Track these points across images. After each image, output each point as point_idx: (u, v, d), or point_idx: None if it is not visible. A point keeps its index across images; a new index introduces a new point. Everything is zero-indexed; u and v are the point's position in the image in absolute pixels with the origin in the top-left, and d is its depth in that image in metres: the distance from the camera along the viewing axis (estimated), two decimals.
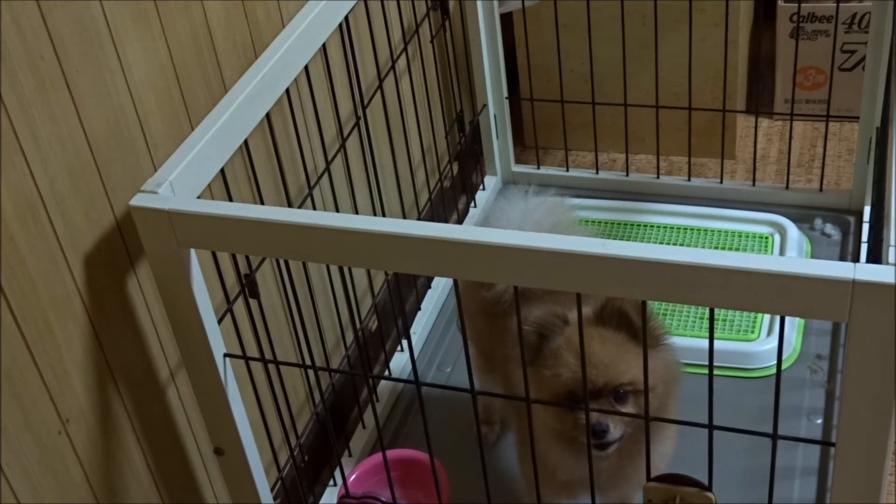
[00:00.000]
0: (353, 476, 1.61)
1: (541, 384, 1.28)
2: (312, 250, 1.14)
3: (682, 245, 2.08)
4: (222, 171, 1.28)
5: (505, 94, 2.19)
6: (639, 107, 2.15)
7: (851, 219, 2.09)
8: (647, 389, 1.14)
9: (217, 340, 1.24)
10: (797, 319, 1.88)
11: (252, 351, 1.39)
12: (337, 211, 1.69)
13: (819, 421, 1.70)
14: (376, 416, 1.41)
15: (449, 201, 2.19)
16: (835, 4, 2.27)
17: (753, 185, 2.16)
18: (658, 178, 2.22)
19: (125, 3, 1.21)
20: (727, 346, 1.82)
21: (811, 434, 1.68)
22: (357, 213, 1.79)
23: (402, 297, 1.95)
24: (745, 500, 1.56)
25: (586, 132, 2.23)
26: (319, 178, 1.62)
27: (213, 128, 1.24)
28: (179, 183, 1.18)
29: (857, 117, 2.00)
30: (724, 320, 1.89)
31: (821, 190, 2.13)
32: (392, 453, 1.61)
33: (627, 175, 2.24)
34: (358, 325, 1.67)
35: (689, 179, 2.21)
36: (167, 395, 1.36)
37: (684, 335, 1.84)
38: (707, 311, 1.04)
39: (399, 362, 1.91)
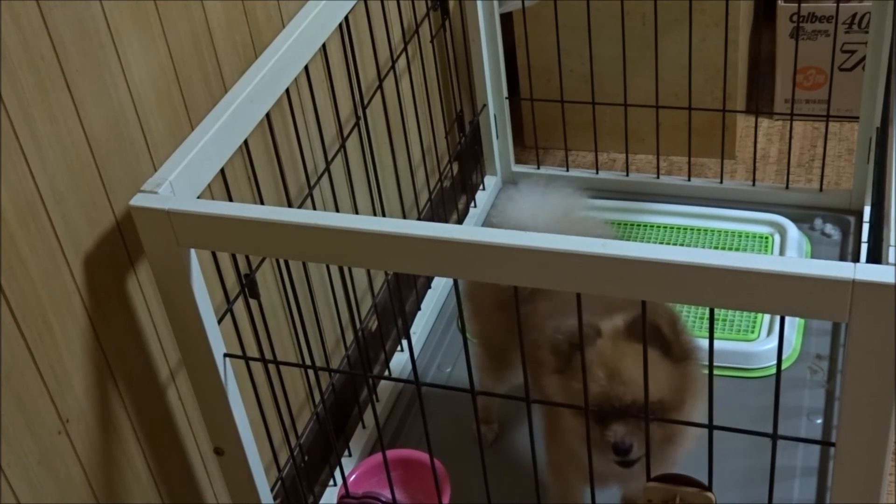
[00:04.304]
0: (353, 476, 1.61)
1: (569, 394, 1.27)
2: (312, 250, 1.14)
3: (682, 245, 2.08)
4: (222, 171, 1.28)
5: (505, 94, 2.19)
6: (639, 107, 2.15)
7: (851, 219, 2.09)
8: (647, 386, 1.14)
9: (217, 340, 1.24)
10: (797, 319, 1.88)
11: (252, 351, 1.39)
12: (337, 211, 1.69)
13: (819, 421, 1.70)
14: (376, 416, 1.41)
15: (449, 201, 2.19)
16: (835, 4, 2.27)
17: (753, 185, 2.16)
18: (658, 178, 2.22)
19: (125, 3, 1.21)
20: (727, 346, 1.82)
21: (811, 434, 1.68)
22: (357, 213, 1.79)
23: (402, 297, 1.95)
24: (745, 500, 1.56)
25: (586, 132, 2.23)
26: (319, 178, 1.62)
27: (213, 128, 1.24)
28: (179, 183, 1.18)
29: (857, 117, 2.00)
30: (724, 320, 1.89)
31: (821, 190, 2.13)
32: (392, 453, 1.61)
33: (627, 175, 2.24)
34: (358, 325, 1.67)
35: (689, 179, 2.21)
36: (167, 395, 1.36)
37: None
38: (707, 311, 1.04)
39: (399, 362, 1.91)
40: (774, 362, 1.73)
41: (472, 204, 2.23)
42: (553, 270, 1.03)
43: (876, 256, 1.52)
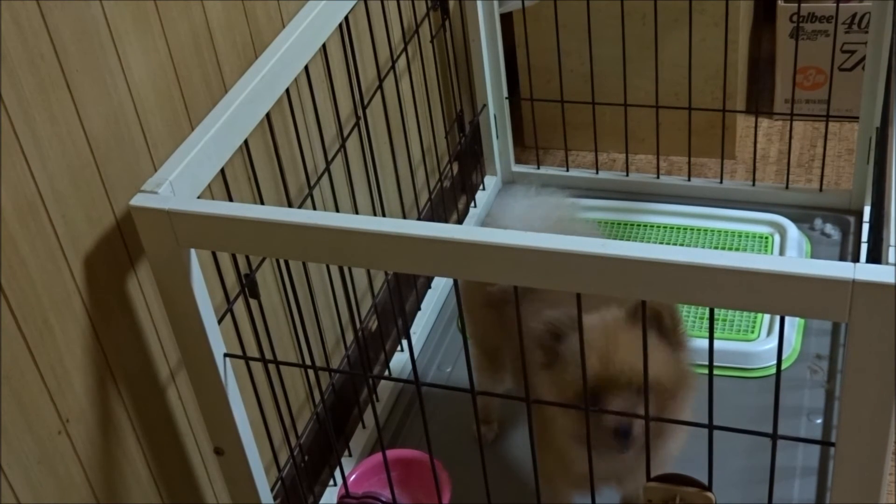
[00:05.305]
0: (353, 476, 1.61)
1: (562, 386, 1.27)
2: (312, 250, 1.14)
3: (682, 245, 2.08)
4: (222, 171, 1.28)
5: (505, 94, 2.19)
6: (639, 107, 2.15)
7: (851, 219, 2.09)
8: (647, 388, 1.14)
9: (217, 340, 1.24)
10: (797, 319, 1.88)
11: (252, 351, 1.39)
12: (337, 211, 1.69)
13: (819, 421, 1.70)
14: (376, 416, 1.41)
15: (449, 201, 2.19)
16: (835, 4, 2.27)
17: (753, 185, 2.16)
18: (658, 178, 2.22)
19: (125, 3, 1.21)
20: (727, 346, 1.82)
21: (811, 434, 1.68)
22: (357, 213, 1.79)
23: (402, 297, 1.95)
24: (745, 500, 1.56)
25: (586, 132, 2.23)
26: (319, 178, 1.62)
27: (213, 128, 1.24)
28: (179, 183, 1.18)
29: (857, 117, 2.00)
30: (724, 320, 1.89)
31: (821, 190, 2.13)
32: (392, 453, 1.61)
33: (627, 175, 2.24)
34: (358, 325, 1.67)
35: (689, 179, 2.21)
36: (167, 395, 1.36)
37: None
38: (707, 311, 1.04)
39: (399, 362, 1.91)
40: (774, 362, 1.73)
41: (472, 204, 2.23)
42: (553, 270, 1.03)
43: (876, 256, 1.51)
